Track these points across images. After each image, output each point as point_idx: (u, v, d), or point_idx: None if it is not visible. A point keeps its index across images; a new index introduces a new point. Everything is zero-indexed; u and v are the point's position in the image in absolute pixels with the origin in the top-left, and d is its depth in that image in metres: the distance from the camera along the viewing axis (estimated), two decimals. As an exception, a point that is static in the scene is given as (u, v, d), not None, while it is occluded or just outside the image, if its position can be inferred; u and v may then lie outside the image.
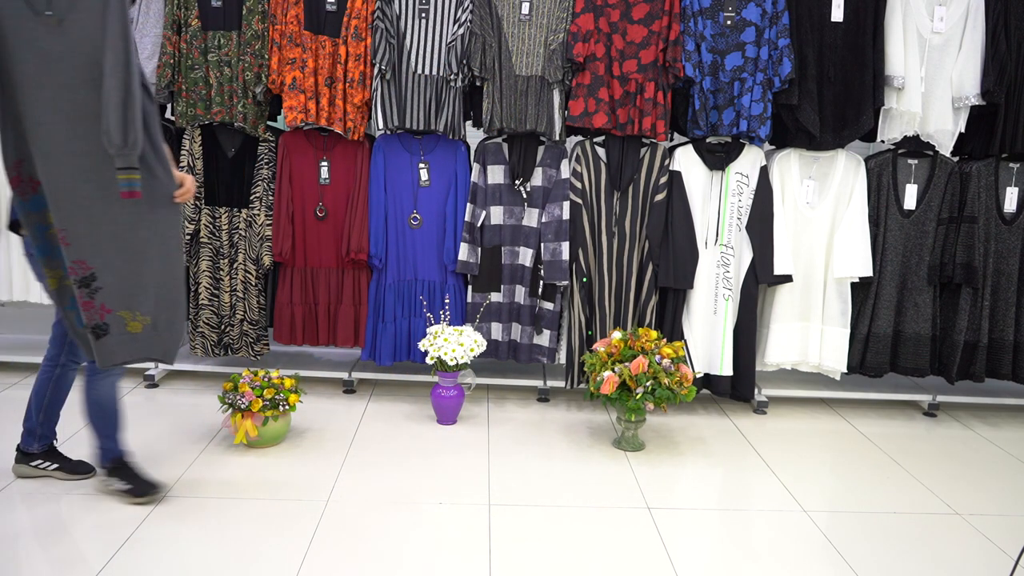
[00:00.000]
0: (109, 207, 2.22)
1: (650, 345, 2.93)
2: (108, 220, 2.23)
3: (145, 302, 2.31)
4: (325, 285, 3.38)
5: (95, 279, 2.25)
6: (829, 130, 3.24)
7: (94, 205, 2.21)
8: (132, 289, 2.28)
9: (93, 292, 2.25)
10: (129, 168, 2.17)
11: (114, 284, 2.27)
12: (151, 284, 2.30)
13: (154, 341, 2.35)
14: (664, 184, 3.29)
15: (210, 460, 2.74)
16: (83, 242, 2.22)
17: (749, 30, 3.15)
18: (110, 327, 2.28)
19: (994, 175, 3.37)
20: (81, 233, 2.21)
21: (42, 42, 2.12)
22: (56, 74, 2.14)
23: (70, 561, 2.09)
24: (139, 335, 2.33)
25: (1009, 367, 3.43)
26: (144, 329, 2.32)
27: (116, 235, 2.24)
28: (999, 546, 2.43)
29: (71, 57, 2.14)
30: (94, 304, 2.26)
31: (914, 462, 3.05)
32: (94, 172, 2.19)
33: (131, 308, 2.30)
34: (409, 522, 2.39)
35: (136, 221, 2.25)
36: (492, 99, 3.18)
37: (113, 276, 2.26)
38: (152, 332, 2.34)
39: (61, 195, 2.19)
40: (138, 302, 2.30)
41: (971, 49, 3.24)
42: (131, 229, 2.25)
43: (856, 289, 3.41)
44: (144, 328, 2.32)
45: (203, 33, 3.20)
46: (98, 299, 2.26)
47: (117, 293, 2.27)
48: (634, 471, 2.83)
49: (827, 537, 2.42)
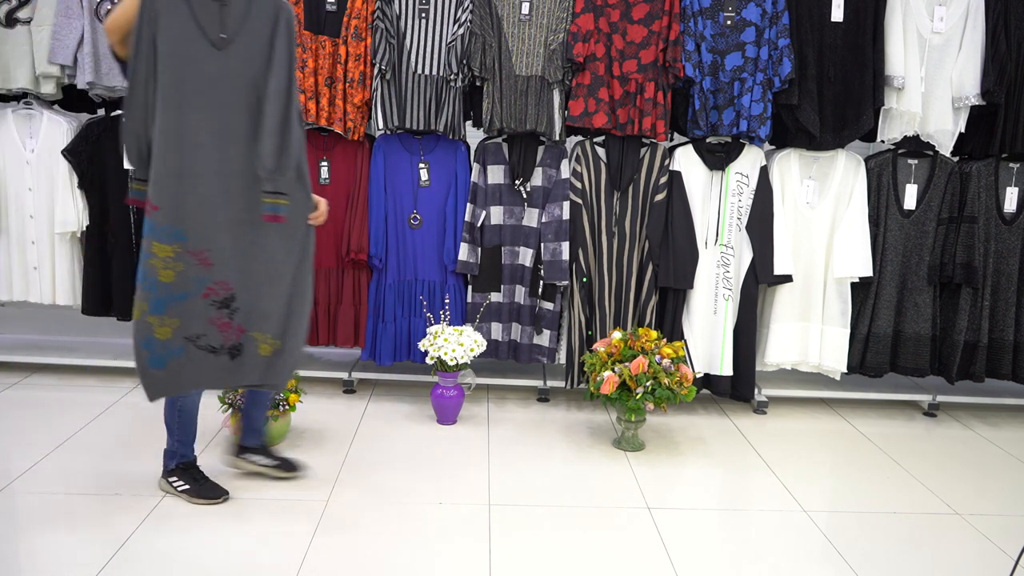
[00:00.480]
0: (252, 229, 2.24)
1: (650, 345, 2.93)
2: (250, 242, 2.24)
3: (276, 325, 2.31)
4: (325, 285, 3.38)
5: (234, 299, 2.26)
6: (829, 130, 3.24)
7: (239, 227, 2.23)
8: (266, 311, 2.29)
9: (232, 313, 2.26)
10: (277, 193, 2.21)
11: (251, 305, 2.27)
12: (283, 307, 2.31)
13: (278, 366, 2.34)
14: (664, 184, 3.29)
15: (210, 460, 2.74)
16: (228, 264, 2.23)
17: (749, 30, 3.15)
18: (244, 347, 2.29)
19: (994, 175, 3.37)
20: (226, 255, 2.22)
21: (205, 64, 2.15)
22: (214, 95, 2.16)
23: (70, 561, 2.09)
24: (269, 358, 2.32)
25: (1009, 367, 3.43)
26: (273, 353, 2.32)
27: (256, 257, 2.26)
28: (999, 546, 2.43)
29: (231, 80, 2.17)
30: (231, 325, 2.26)
31: (914, 462, 3.05)
32: (241, 194, 2.21)
33: (263, 330, 2.30)
34: (409, 522, 2.39)
35: (276, 244, 2.27)
36: (492, 99, 3.18)
37: (250, 297, 2.27)
38: (278, 357, 2.33)
39: (207, 215, 2.19)
40: (269, 324, 2.30)
41: (971, 49, 3.24)
42: (270, 251, 2.27)
43: (856, 289, 3.41)
44: (274, 352, 2.32)
45: (203, 33, 3.20)
46: (236, 319, 2.26)
47: (253, 314, 2.28)
48: (634, 471, 2.83)
49: (827, 537, 2.42)
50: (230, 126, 2.19)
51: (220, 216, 2.21)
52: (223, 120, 2.18)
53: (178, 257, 2.19)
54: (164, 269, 2.18)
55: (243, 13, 2.18)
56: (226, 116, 2.18)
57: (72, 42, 3.17)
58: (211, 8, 2.15)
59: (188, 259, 2.20)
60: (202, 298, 2.23)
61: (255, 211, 2.23)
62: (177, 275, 2.20)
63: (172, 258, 2.18)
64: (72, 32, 3.17)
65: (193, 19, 2.13)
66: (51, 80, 3.25)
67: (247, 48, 2.18)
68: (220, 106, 2.17)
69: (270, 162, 2.19)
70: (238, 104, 2.19)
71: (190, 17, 2.13)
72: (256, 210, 2.23)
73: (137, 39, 2.11)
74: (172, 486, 2.46)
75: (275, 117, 2.19)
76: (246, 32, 2.18)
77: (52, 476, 2.57)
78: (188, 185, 2.18)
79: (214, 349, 2.27)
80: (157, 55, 2.12)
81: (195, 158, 2.17)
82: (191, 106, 2.15)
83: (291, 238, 2.30)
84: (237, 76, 2.17)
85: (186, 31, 2.13)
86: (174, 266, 2.19)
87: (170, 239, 2.17)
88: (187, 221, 2.19)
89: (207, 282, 2.23)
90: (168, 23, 2.11)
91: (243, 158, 2.20)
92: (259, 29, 2.19)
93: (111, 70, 3.23)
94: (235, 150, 2.20)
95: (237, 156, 2.20)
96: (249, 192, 2.22)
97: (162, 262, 2.18)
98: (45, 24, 3.19)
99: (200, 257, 2.21)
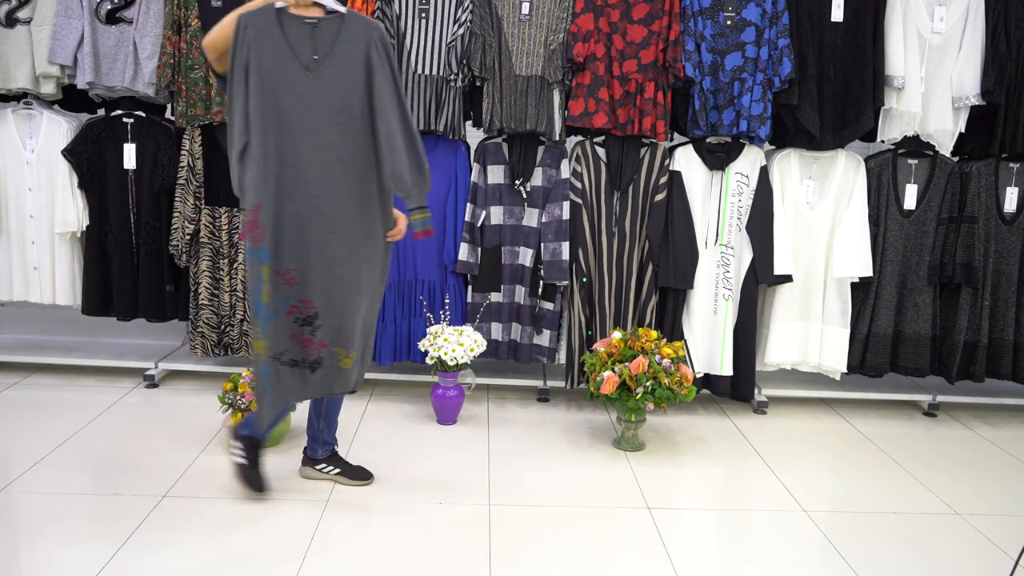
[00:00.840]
0: (339, 248, 2.26)
1: (650, 345, 2.93)
2: (336, 262, 2.27)
3: (355, 339, 2.35)
4: (325, 285, 3.38)
5: (317, 318, 2.28)
6: (829, 130, 3.24)
7: (326, 246, 2.25)
8: (347, 327, 2.32)
9: (315, 330, 2.29)
10: (421, 208, 2.22)
11: (334, 322, 2.30)
12: (360, 322, 2.34)
13: (352, 373, 2.39)
14: (664, 184, 3.29)
15: (210, 460, 2.74)
16: (313, 283, 2.26)
17: (749, 30, 3.15)
18: (324, 360, 2.32)
19: (994, 175, 3.37)
20: (313, 274, 2.25)
21: (299, 86, 2.17)
22: (307, 118, 2.18)
23: (70, 561, 2.09)
24: (348, 370, 2.37)
25: (1009, 367, 3.43)
26: (353, 364, 2.37)
27: (341, 276, 2.28)
28: (999, 546, 2.43)
29: (323, 101, 2.19)
30: (313, 341, 2.30)
31: (914, 462, 3.05)
32: (332, 214, 2.23)
33: (344, 345, 2.34)
34: (409, 522, 2.39)
35: (359, 262, 2.30)
36: (492, 99, 3.18)
37: (335, 315, 2.30)
38: (358, 365, 2.40)
39: (297, 234, 2.22)
40: (349, 339, 2.33)
41: (971, 49, 3.24)
42: (354, 269, 2.29)
43: (856, 289, 3.41)
44: (353, 363, 2.37)
45: (203, 33, 3.19)
46: (318, 336, 2.30)
47: (335, 330, 2.31)
48: (634, 471, 2.83)
49: (827, 537, 2.42)
50: (323, 148, 2.21)
51: (308, 236, 2.23)
52: (315, 141, 2.20)
53: (269, 277, 2.23)
54: (266, 291, 2.23)
55: (334, 35, 2.20)
56: (318, 137, 2.20)
57: (72, 42, 3.17)
58: (303, 31, 2.17)
59: (275, 279, 2.24)
60: (286, 315, 2.27)
61: (341, 231, 2.25)
62: (269, 295, 2.24)
63: (265, 279, 2.23)
64: (72, 32, 3.17)
65: (286, 42, 2.16)
66: (51, 80, 3.25)
67: (338, 70, 2.20)
68: (312, 128, 2.19)
69: (408, 178, 2.20)
70: (331, 126, 2.20)
71: (283, 40, 2.16)
72: (342, 230, 2.25)
73: (232, 64, 2.15)
74: (322, 472, 2.56)
75: (400, 135, 2.20)
76: (337, 54, 2.19)
77: (52, 476, 2.58)
78: (281, 206, 2.21)
79: (295, 363, 2.31)
80: (251, 79, 2.14)
81: (288, 180, 2.20)
82: (285, 129, 2.18)
83: (372, 256, 2.33)
84: (329, 98, 2.19)
85: (279, 54, 2.15)
86: (265, 287, 2.23)
87: (264, 260, 2.22)
88: (278, 241, 2.22)
89: (292, 300, 2.26)
90: (262, 47, 2.14)
91: (334, 180, 2.23)
92: (350, 51, 2.20)
93: (111, 70, 3.23)
94: (326, 172, 2.22)
95: (328, 178, 2.22)
96: (338, 214, 2.24)
97: (262, 283, 2.22)
98: (45, 24, 3.19)
99: (287, 277, 2.24)
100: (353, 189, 2.25)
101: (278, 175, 2.20)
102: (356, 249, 2.28)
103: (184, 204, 3.30)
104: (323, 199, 2.23)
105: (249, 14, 2.16)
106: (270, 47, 2.15)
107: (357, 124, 2.23)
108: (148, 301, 3.39)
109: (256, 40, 2.14)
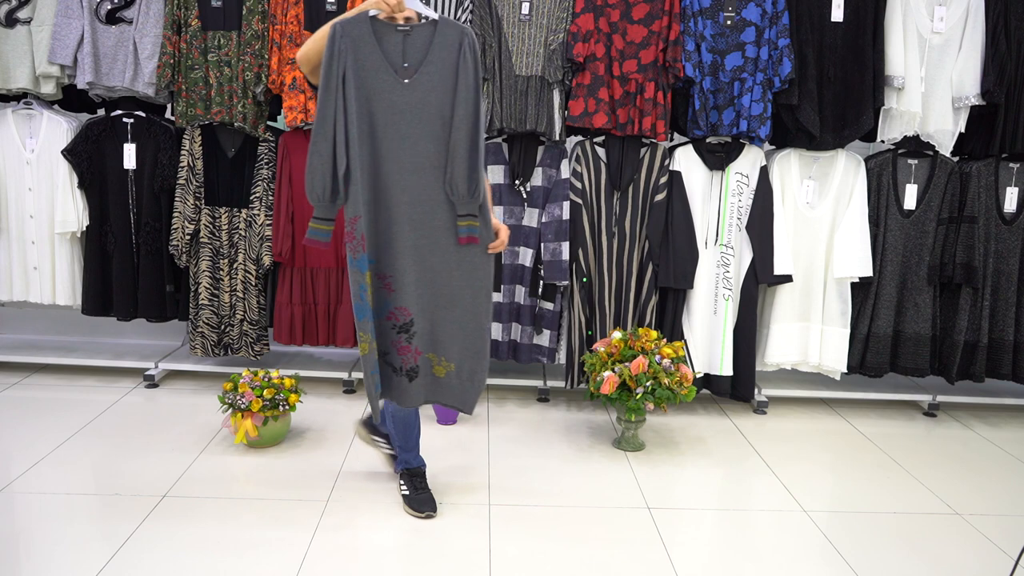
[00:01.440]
0: (432, 255, 2.26)
1: (650, 345, 2.93)
2: (429, 268, 2.27)
3: (451, 348, 2.34)
4: (324, 285, 3.38)
5: (413, 324, 2.29)
6: (829, 130, 3.24)
7: (419, 253, 2.25)
8: (440, 334, 2.32)
9: (411, 337, 2.30)
10: (470, 216, 2.24)
11: (427, 329, 2.31)
12: (457, 331, 2.33)
13: (456, 388, 2.37)
14: (664, 184, 3.29)
15: (210, 460, 2.74)
16: (407, 289, 2.26)
17: (749, 30, 3.15)
18: (420, 368, 2.33)
19: (994, 175, 3.37)
20: (406, 280, 2.25)
21: (392, 95, 2.17)
22: (401, 126, 2.18)
23: (70, 561, 2.09)
24: (442, 379, 2.36)
25: (1009, 367, 3.43)
26: (447, 375, 2.36)
27: (434, 282, 2.28)
28: (999, 546, 2.43)
29: (416, 109, 2.18)
30: (410, 348, 2.30)
31: (914, 462, 3.05)
32: (423, 221, 2.24)
33: (437, 352, 2.34)
34: (409, 522, 2.39)
35: (454, 269, 2.29)
36: (492, 99, 3.18)
37: (427, 321, 2.30)
38: (455, 379, 2.36)
39: (390, 242, 2.23)
40: (444, 347, 2.33)
41: (971, 49, 3.24)
42: (448, 277, 2.29)
43: (856, 289, 3.41)
44: (447, 374, 2.35)
45: (203, 33, 3.20)
46: (414, 343, 2.30)
47: (428, 337, 2.32)
48: (634, 471, 2.83)
49: (827, 537, 2.42)
50: (415, 155, 2.20)
51: (403, 243, 2.23)
52: (409, 150, 2.20)
53: (372, 282, 2.25)
54: (370, 295, 2.24)
55: (427, 42, 2.18)
56: (412, 145, 2.20)
57: (72, 42, 3.18)
58: (396, 39, 2.16)
59: (378, 283, 2.27)
60: (386, 320, 2.29)
61: (435, 237, 2.25)
62: (374, 298, 2.26)
63: (371, 283, 2.25)
64: (72, 32, 3.17)
65: (380, 51, 2.15)
66: (51, 80, 3.26)
67: (431, 77, 2.18)
68: (406, 136, 2.19)
69: (463, 186, 2.20)
70: (423, 133, 2.20)
71: (377, 49, 2.15)
72: (436, 236, 2.25)
73: (326, 74, 2.13)
74: (399, 487, 2.53)
75: (464, 143, 2.19)
76: (430, 61, 2.18)
77: (52, 476, 2.58)
78: (376, 214, 2.22)
79: (395, 369, 2.33)
80: (346, 88, 2.13)
81: (382, 188, 2.21)
82: (379, 137, 2.18)
83: (470, 265, 2.30)
84: (422, 105, 2.18)
85: (374, 63, 2.15)
86: (371, 291, 2.25)
87: (367, 267, 2.22)
88: (377, 247, 2.24)
89: (390, 307, 2.28)
90: (357, 56, 2.13)
91: (426, 186, 2.22)
92: (443, 57, 2.19)
93: (111, 70, 3.23)
94: (418, 179, 2.22)
95: (420, 184, 2.22)
96: (430, 219, 2.24)
97: (368, 288, 2.23)
98: (45, 24, 3.19)
99: (385, 282, 2.26)
100: (446, 196, 2.24)
101: (373, 184, 2.20)
102: (449, 257, 2.27)
103: (184, 204, 3.30)
104: (415, 206, 2.22)
105: (344, 23, 2.14)
106: (365, 56, 2.14)
107: (450, 131, 2.21)
108: (148, 301, 3.39)
109: (351, 50, 2.13)
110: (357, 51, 2.14)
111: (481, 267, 2.32)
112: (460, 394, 2.38)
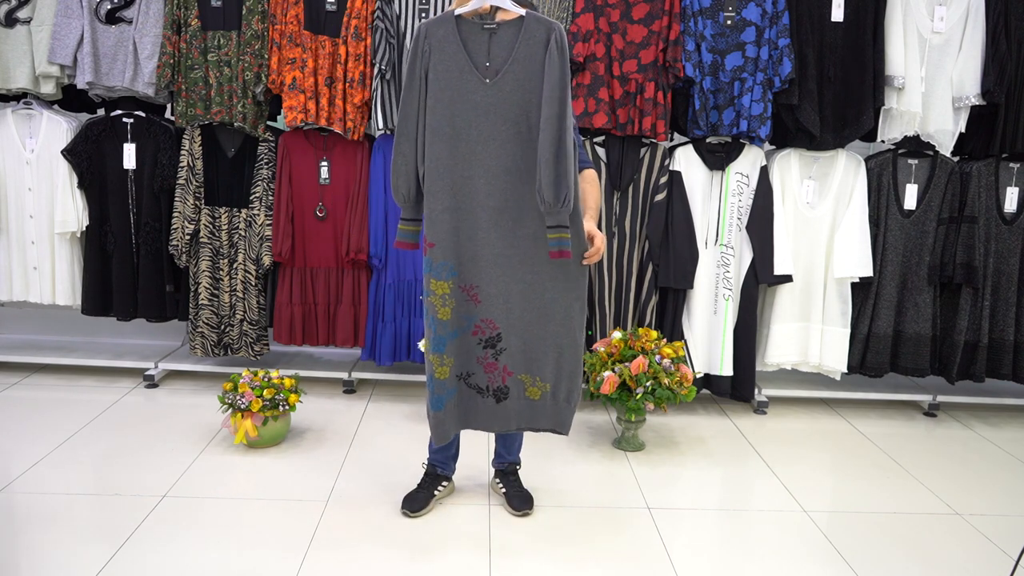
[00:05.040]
0: (519, 265, 2.15)
1: (650, 345, 2.93)
2: (517, 279, 2.16)
3: (545, 367, 2.22)
4: (324, 285, 3.38)
5: (500, 339, 2.19)
6: (829, 130, 3.24)
7: (506, 263, 2.15)
8: (534, 352, 2.21)
9: (498, 353, 2.20)
10: (560, 227, 2.08)
11: (517, 346, 2.20)
12: (551, 348, 2.21)
13: (551, 410, 2.26)
14: (664, 184, 3.29)
15: (210, 460, 2.74)
16: (494, 301, 2.16)
17: (749, 30, 3.15)
18: (510, 390, 2.23)
19: (994, 175, 3.37)
20: (492, 292, 2.16)
21: (475, 95, 2.08)
22: (484, 127, 2.09)
23: (70, 561, 2.09)
24: (537, 402, 2.25)
25: (1009, 367, 3.43)
26: (542, 396, 2.25)
27: (523, 295, 2.17)
28: (999, 546, 2.43)
29: (500, 110, 2.09)
30: (497, 366, 2.21)
31: (914, 462, 3.05)
32: (510, 229, 2.14)
33: (531, 372, 2.22)
34: (409, 522, 2.39)
35: (544, 281, 2.17)
36: (492, 99, 3.18)
37: (517, 338, 2.20)
38: (551, 401, 2.25)
39: (476, 250, 2.14)
40: (538, 367, 2.22)
41: (971, 49, 3.24)
42: (538, 290, 2.17)
43: (856, 289, 3.41)
44: (542, 395, 2.25)
45: (203, 33, 3.20)
46: (501, 361, 2.21)
47: (520, 356, 2.21)
48: (634, 471, 2.83)
49: (827, 537, 2.42)
50: (500, 158, 2.10)
51: (488, 251, 2.14)
52: (493, 152, 2.10)
53: (452, 293, 2.15)
54: (442, 307, 2.15)
55: (512, 40, 2.08)
56: (496, 148, 2.10)
57: (72, 42, 3.17)
58: (481, 38, 2.08)
59: (460, 295, 2.16)
60: (471, 335, 2.19)
61: (522, 246, 2.14)
62: (452, 312, 2.17)
63: (448, 295, 2.15)
64: (72, 32, 3.17)
65: (464, 50, 2.07)
66: (51, 80, 3.25)
67: (516, 76, 2.08)
68: (490, 138, 2.10)
69: (549, 194, 2.05)
70: (508, 135, 2.10)
71: (461, 49, 2.07)
72: (522, 246, 2.14)
73: (409, 74, 2.09)
74: None
75: (549, 147, 2.04)
76: (516, 59, 2.07)
77: (52, 476, 2.58)
78: (459, 219, 2.13)
79: (481, 390, 2.23)
80: (428, 89, 2.08)
81: (465, 192, 2.12)
82: (462, 139, 2.10)
83: (562, 276, 2.17)
84: (507, 106, 2.08)
85: (458, 63, 2.07)
86: (449, 302, 2.16)
87: (445, 275, 2.14)
88: (459, 256, 2.15)
89: (475, 319, 2.18)
90: (440, 56, 2.07)
91: (512, 191, 2.12)
92: (530, 55, 2.07)
93: (111, 70, 3.23)
94: (504, 183, 2.11)
95: (506, 189, 2.12)
96: (518, 227, 2.14)
97: (440, 299, 2.15)
98: (45, 24, 3.19)
99: (470, 293, 2.16)
100: (534, 201, 2.11)
101: (453, 188, 2.11)
102: (539, 267, 2.15)
103: (184, 204, 3.30)
104: (501, 212, 2.12)
105: (429, 23, 2.08)
106: (448, 56, 2.07)
107: (536, 132, 2.09)
108: (148, 301, 3.39)
109: (434, 50, 2.07)
110: (441, 51, 2.07)
111: (575, 278, 2.19)
112: (555, 415, 2.25)
